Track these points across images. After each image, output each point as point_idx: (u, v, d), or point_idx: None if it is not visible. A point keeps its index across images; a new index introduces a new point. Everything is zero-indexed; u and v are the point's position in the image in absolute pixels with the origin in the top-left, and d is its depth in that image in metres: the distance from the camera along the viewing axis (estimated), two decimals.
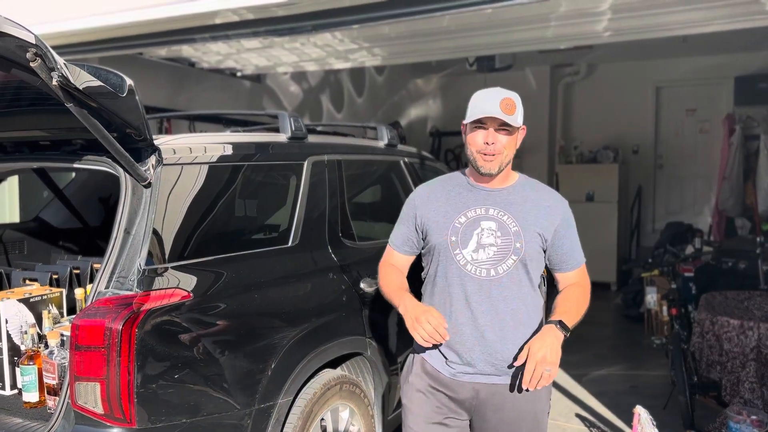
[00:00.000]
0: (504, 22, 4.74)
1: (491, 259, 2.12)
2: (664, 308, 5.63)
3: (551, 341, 1.99)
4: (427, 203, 2.26)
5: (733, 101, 7.97)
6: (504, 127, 2.09)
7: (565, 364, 5.15)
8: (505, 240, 2.12)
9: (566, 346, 2.10)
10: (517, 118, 2.10)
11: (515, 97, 2.13)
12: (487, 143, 2.09)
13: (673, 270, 5.16)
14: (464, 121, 2.18)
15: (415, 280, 2.36)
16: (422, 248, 2.31)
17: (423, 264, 2.34)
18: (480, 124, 2.10)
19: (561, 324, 2.06)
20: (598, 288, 8.11)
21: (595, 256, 8.34)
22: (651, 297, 6.00)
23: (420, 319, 2.03)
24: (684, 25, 4.85)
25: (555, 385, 4.76)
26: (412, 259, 2.38)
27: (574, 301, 2.20)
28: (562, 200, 2.25)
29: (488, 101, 2.08)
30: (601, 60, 8.54)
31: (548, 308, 2.26)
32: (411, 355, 2.34)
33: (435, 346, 2.18)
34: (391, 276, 2.32)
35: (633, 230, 8.74)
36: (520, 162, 9.07)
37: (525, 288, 2.16)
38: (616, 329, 6.70)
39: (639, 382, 4.87)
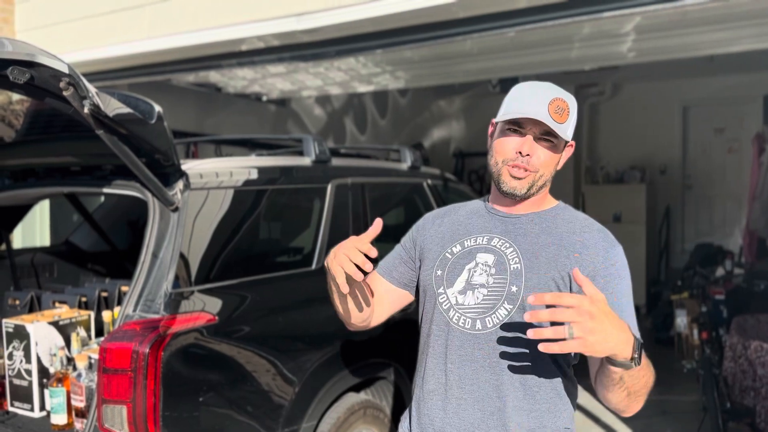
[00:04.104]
0: (527, 44, 4.75)
1: (479, 305, 1.51)
2: (695, 332, 5.52)
3: (618, 324, 1.25)
4: (431, 226, 1.72)
5: (762, 120, 7.84)
6: (548, 137, 1.51)
7: (591, 388, 5.06)
8: (499, 280, 1.50)
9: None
10: (567, 129, 1.51)
11: (570, 100, 1.53)
12: (520, 153, 1.50)
13: (704, 292, 5.06)
14: (495, 119, 1.59)
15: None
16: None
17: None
18: (516, 126, 1.52)
19: (638, 341, 1.32)
20: None
21: None
22: (681, 320, 5.88)
23: (335, 253, 1.46)
24: (710, 44, 4.81)
25: (582, 409, 4.67)
26: (390, 289, 1.74)
27: (648, 369, 1.42)
28: (607, 241, 1.53)
29: (534, 98, 1.50)
30: (626, 80, 8.49)
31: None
32: None
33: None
34: None
35: (662, 251, 8.59)
36: None
37: (529, 355, 1.48)
38: (645, 352, 6.55)
39: (669, 407, 4.75)
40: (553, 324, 1.24)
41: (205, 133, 6.15)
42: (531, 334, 1.25)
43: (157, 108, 2.04)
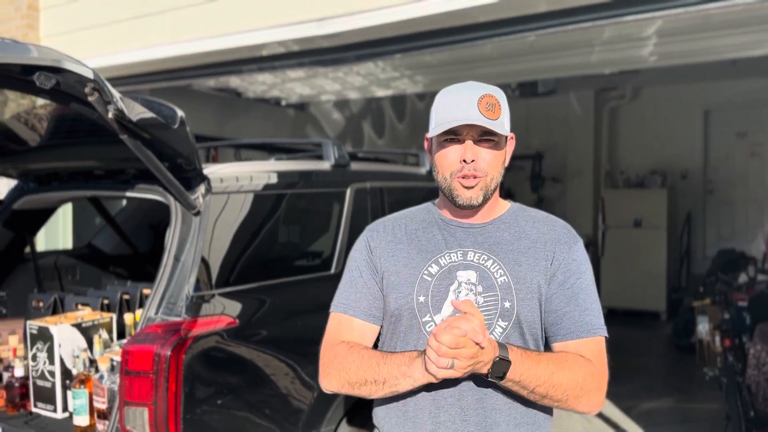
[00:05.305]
0: (547, 48, 4.72)
1: None
2: (717, 338, 5.44)
3: (485, 351, 1.30)
4: (384, 245, 1.57)
5: None
6: (487, 137, 1.44)
7: (612, 396, 5.01)
8: (489, 298, 1.44)
9: (612, 377, 1.50)
10: (504, 123, 1.45)
11: (498, 94, 1.46)
12: (464, 161, 1.43)
13: (726, 299, 4.99)
14: (428, 134, 1.53)
15: None
16: None
17: (380, 340, 1.59)
18: (452, 135, 1.45)
19: (503, 350, 1.33)
20: (646, 317, 7.92)
21: (644, 284, 8.12)
22: (702, 327, 5.80)
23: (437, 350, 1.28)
24: (733, 48, 4.76)
25: (603, 417, 4.62)
26: (376, 333, 1.57)
27: (561, 363, 1.39)
28: (570, 236, 1.54)
29: (461, 102, 1.43)
30: (647, 83, 8.42)
31: None
32: None
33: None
34: (357, 354, 1.47)
35: (683, 257, 8.49)
36: (564, 188, 8.97)
37: None
38: (666, 360, 6.48)
39: (691, 415, 4.69)
40: None
41: (225, 138, 6.20)
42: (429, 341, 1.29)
43: (180, 113, 2.06)
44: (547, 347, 1.52)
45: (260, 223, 2.65)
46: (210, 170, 2.47)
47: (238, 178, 2.56)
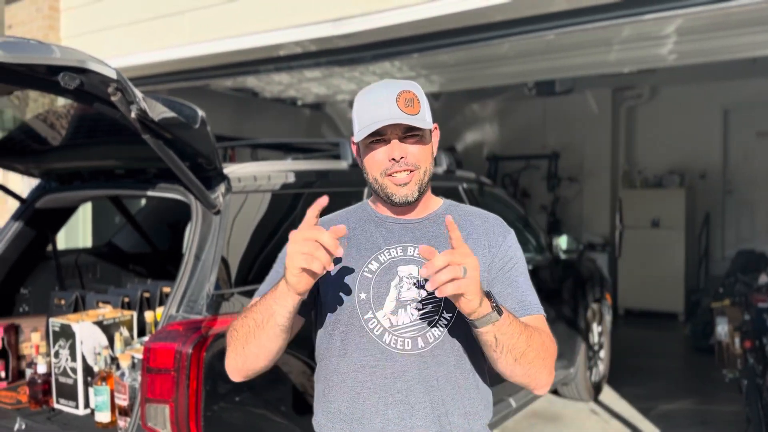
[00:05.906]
0: (565, 47, 4.71)
1: (415, 323, 1.43)
2: (737, 340, 5.38)
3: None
4: None
5: None
6: (412, 132, 1.46)
7: (631, 397, 4.98)
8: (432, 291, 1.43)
9: (630, 378, 1.44)
10: (425, 117, 1.46)
11: (414, 88, 1.48)
12: (393, 159, 1.45)
13: (746, 300, 4.93)
14: (354, 139, 1.51)
15: None
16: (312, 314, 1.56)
17: (316, 342, 1.59)
18: (378, 136, 1.46)
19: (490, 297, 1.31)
20: (664, 318, 7.85)
21: (662, 285, 8.03)
22: (722, 328, 5.73)
23: (294, 247, 1.29)
24: (753, 46, 4.71)
25: (620, 418, 4.59)
26: (297, 323, 1.52)
27: (531, 330, 1.39)
28: (503, 227, 1.58)
29: (380, 102, 1.44)
30: (665, 82, 8.34)
31: None
32: None
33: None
34: (242, 314, 1.46)
35: (701, 258, 8.41)
36: (580, 188, 8.92)
37: (473, 361, 1.49)
38: (684, 361, 6.43)
39: (710, 417, 4.65)
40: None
41: (242, 137, 6.24)
42: (424, 273, 1.22)
43: (201, 113, 2.08)
44: None
45: (278, 222, 2.66)
46: (228, 170, 2.49)
47: (256, 178, 2.58)
